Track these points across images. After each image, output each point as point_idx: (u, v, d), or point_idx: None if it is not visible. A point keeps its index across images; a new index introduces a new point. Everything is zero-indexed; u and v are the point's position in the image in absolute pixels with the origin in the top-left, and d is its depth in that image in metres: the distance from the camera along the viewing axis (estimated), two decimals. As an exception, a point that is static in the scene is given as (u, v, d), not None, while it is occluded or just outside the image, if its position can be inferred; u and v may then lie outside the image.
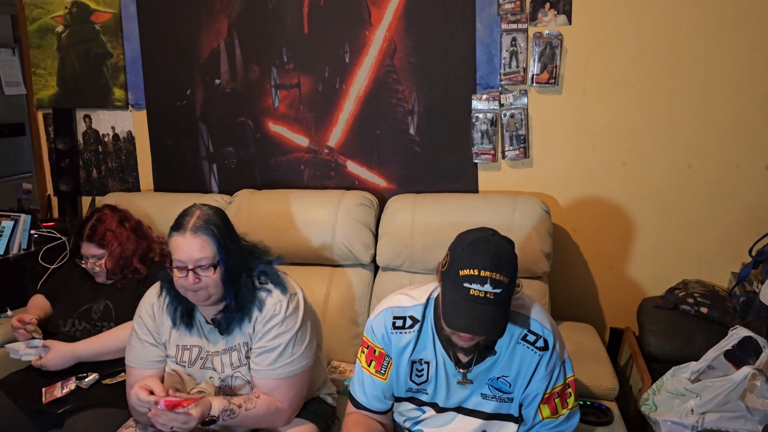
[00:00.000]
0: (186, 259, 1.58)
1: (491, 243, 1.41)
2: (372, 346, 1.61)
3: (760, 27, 2.32)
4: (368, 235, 2.50)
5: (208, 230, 1.60)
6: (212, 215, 1.64)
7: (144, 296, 1.81)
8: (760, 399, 1.79)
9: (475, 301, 1.37)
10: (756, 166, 2.42)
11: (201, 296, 1.63)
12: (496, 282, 1.36)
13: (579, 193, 2.58)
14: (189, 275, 1.58)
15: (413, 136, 2.66)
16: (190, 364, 1.73)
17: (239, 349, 1.71)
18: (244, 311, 1.67)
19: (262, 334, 1.67)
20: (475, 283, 1.36)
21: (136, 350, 1.76)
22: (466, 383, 1.55)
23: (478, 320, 1.37)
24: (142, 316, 1.77)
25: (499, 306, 1.38)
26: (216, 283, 1.61)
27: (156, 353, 1.75)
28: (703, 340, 2.14)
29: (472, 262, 1.38)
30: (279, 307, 1.67)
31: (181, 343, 1.74)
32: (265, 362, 1.67)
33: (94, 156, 3.07)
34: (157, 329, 1.75)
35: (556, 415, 1.55)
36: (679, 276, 2.51)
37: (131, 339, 1.78)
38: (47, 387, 2.00)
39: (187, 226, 1.60)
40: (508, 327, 1.48)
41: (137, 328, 1.77)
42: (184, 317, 1.71)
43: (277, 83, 2.76)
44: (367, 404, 1.63)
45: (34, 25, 3.03)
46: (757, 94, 2.37)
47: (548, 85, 2.51)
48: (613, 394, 2.03)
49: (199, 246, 1.58)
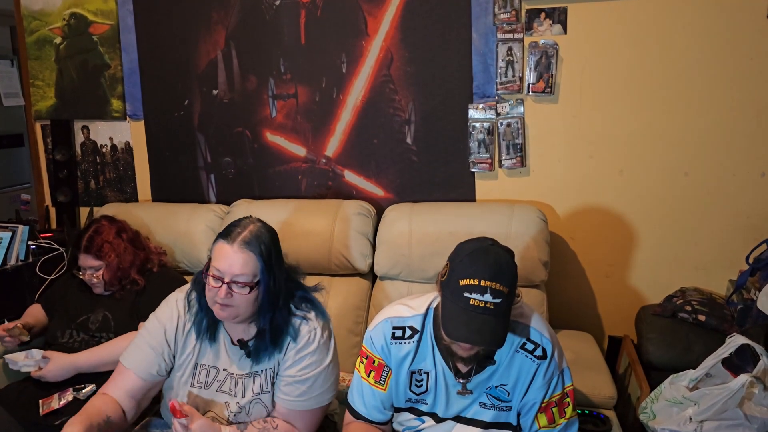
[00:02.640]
0: (225, 269, 1.51)
1: (491, 253, 1.41)
2: (371, 357, 1.60)
3: (755, 36, 2.34)
4: (366, 245, 2.50)
5: (256, 248, 1.53)
6: (264, 233, 1.57)
7: (168, 301, 1.70)
8: (758, 407, 1.79)
9: (475, 311, 1.36)
10: (752, 173, 2.43)
11: (228, 313, 1.55)
12: (496, 292, 1.36)
13: (576, 202, 2.59)
14: (222, 288, 1.51)
15: (410, 146, 2.67)
16: (206, 386, 1.65)
17: (264, 375, 1.64)
18: (277, 341, 1.60)
19: (293, 361, 1.61)
20: (475, 292, 1.37)
21: (140, 353, 1.65)
22: (466, 393, 1.55)
23: (477, 330, 1.37)
24: (162, 322, 1.66)
25: (499, 316, 1.38)
26: (248, 303, 1.54)
27: (158, 365, 1.65)
28: (701, 348, 2.13)
29: (472, 271, 1.38)
30: (313, 335, 1.61)
31: (201, 362, 1.66)
32: (293, 393, 1.61)
33: (92, 167, 3.08)
34: (178, 345, 1.66)
35: (553, 424, 1.54)
36: (677, 284, 2.51)
37: (138, 339, 1.68)
38: (44, 399, 1.99)
39: (236, 237, 1.53)
40: (508, 335, 1.48)
41: (151, 331, 1.66)
42: (209, 330, 1.64)
43: (274, 93, 2.77)
44: (366, 414, 1.63)
45: (32, 37, 3.04)
46: (753, 102, 2.38)
47: (544, 94, 2.52)
48: (612, 402, 2.03)
49: (243, 261, 1.51)
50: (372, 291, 2.52)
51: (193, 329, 1.65)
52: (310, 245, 2.47)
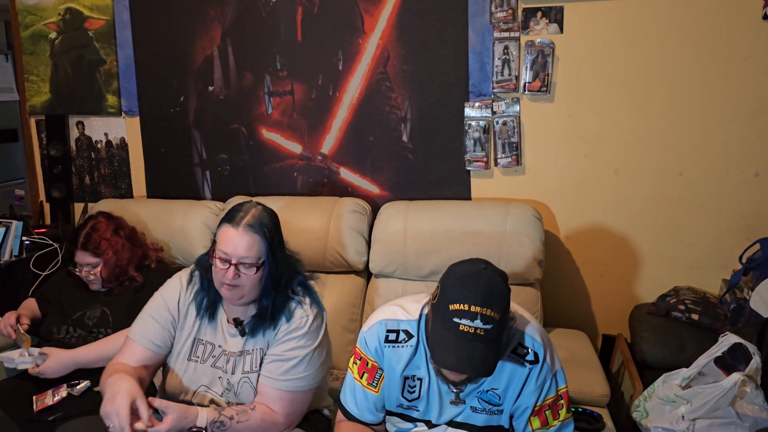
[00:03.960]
0: (231, 252, 1.58)
1: (482, 277, 1.38)
2: (365, 358, 1.59)
3: (751, 36, 2.35)
4: (361, 242, 2.50)
5: (260, 230, 1.60)
6: (266, 217, 1.64)
7: (172, 279, 1.78)
8: (750, 405, 1.80)
9: (465, 337, 1.34)
10: (746, 174, 2.44)
11: (235, 294, 1.62)
12: (487, 318, 1.33)
13: (571, 201, 2.60)
14: (230, 269, 1.58)
15: (406, 144, 2.67)
16: (203, 360, 1.71)
17: (255, 354, 1.70)
18: (274, 319, 1.67)
19: (281, 341, 1.67)
20: (464, 318, 1.33)
21: (145, 324, 1.72)
22: (459, 403, 1.54)
23: (467, 358, 1.34)
24: (165, 297, 1.74)
25: (489, 342, 1.35)
26: (254, 284, 1.62)
27: (161, 336, 1.71)
28: (694, 347, 2.15)
29: (463, 296, 1.35)
30: (305, 320, 1.67)
31: (199, 336, 1.72)
32: (276, 371, 1.66)
33: (86, 162, 3.07)
34: (179, 319, 1.73)
35: (547, 426, 1.54)
36: (671, 283, 2.52)
37: (143, 313, 1.75)
38: (38, 395, 1.98)
39: (240, 221, 1.60)
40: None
41: (156, 306, 1.74)
42: (209, 309, 1.71)
43: (270, 90, 2.77)
44: (358, 415, 1.62)
45: (27, 32, 3.03)
46: (747, 103, 2.39)
47: (540, 93, 2.52)
48: (605, 400, 2.04)
49: (248, 244, 1.58)
50: (367, 288, 2.52)
51: (194, 305, 1.72)
52: (305, 242, 2.46)
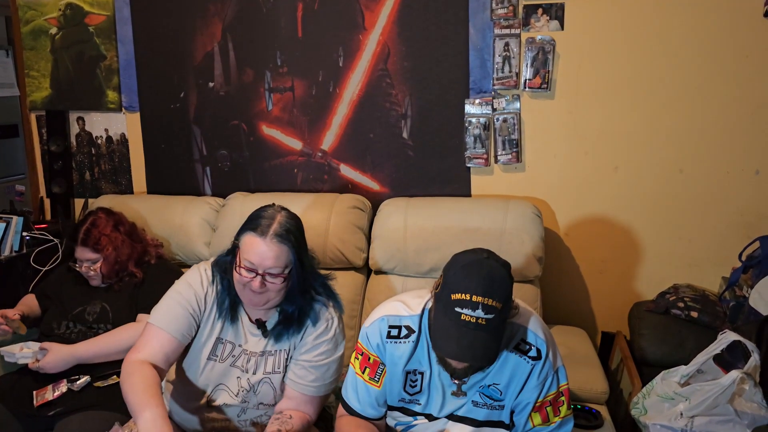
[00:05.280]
0: (258, 263, 1.54)
1: (485, 266, 1.38)
2: (366, 354, 1.60)
3: (752, 34, 2.35)
4: (361, 239, 2.50)
5: (288, 240, 1.55)
6: (293, 224, 1.59)
7: (197, 270, 1.70)
8: (749, 403, 1.81)
9: (466, 326, 1.34)
10: (746, 171, 2.44)
11: (260, 300, 1.59)
12: (488, 307, 1.34)
13: (571, 198, 2.60)
14: (257, 279, 1.54)
15: (406, 140, 2.67)
16: (222, 359, 1.68)
17: (279, 356, 1.68)
18: (300, 324, 1.65)
19: (310, 347, 1.66)
20: (466, 308, 1.34)
21: (172, 312, 1.63)
22: (461, 395, 1.55)
23: (468, 347, 1.35)
24: (196, 290, 1.65)
25: (491, 331, 1.36)
26: (280, 291, 1.58)
27: (188, 326, 1.64)
28: (693, 344, 2.15)
29: (464, 286, 1.36)
30: (331, 323, 1.67)
31: (221, 336, 1.69)
32: (307, 378, 1.66)
33: (87, 158, 3.07)
34: (203, 313, 1.67)
35: (547, 422, 1.54)
36: (671, 280, 2.52)
37: (168, 301, 1.66)
38: (38, 390, 1.99)
39: (268, 231, 1.54)
40: (503, 335, 1.48)
41: (183, 294, 1.65)
42: (231, 310, 1.66)
43: (270, 87, 2.77)
44: (360, 410, 1.63)
45: (27, 27, 3.02)
46: (748, 100, 2.39)
47: (541, 90, 2.52)
48: (604, 397, 2.04)
49: (276, 255, 1.54)
50: (367, 285, 2.53)
51: (216, 305, 1.67)
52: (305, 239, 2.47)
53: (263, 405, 1.72)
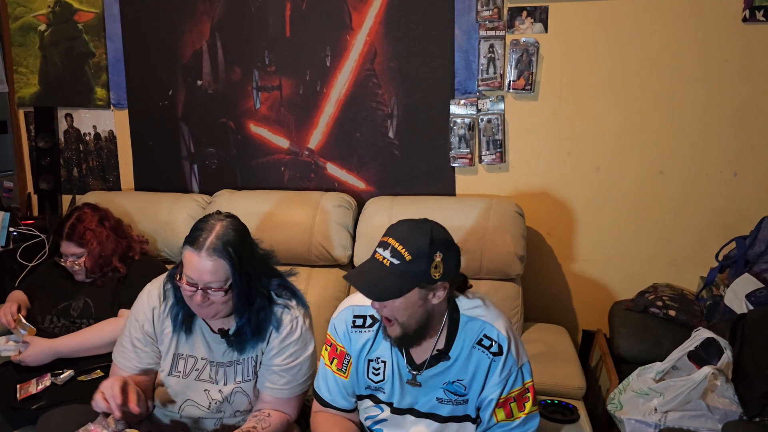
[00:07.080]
0: (197, 278, 1.50)
1: (415, 223, 1.48)
2: (334, 344, 1.63)
3: (731, 38, 2.39)
4: (346, 236, 2.53)
5: (224, 253, 1.50)
6: (232, 234, 1.53)
7: (141, 297, 1.71)
8: (721, 398, 1.84)
9: (373, 262, 1.45)
10: (725, 173, 2.49)
11: (208, 312, 1.56)
12: (396, 253, 1.41)
13: (553, 198, 2.63)
14: (198, 293, 1.51)
15: (392, 140, 2.70)
16: (185, 375, 1.66)
17: (246, 364, 1.67)
18: (260, 333, 1.63)
19: (278, 350, 1.64)
20: (380, 248, 1.45)
21: (127, 353, 1.68)
22: (415, 385, 1.57)
23: (365, 276, 1.46)
24: (140, 319, 1.67)
25: (393, 275, 1.41)
26: (225, 302, 1.55)
27: (147, 360, 1.67)
28: (671, 342, 2.18)
29: (389, 231, 1.47)
30: (296, 324, 1.65)
31: (178, 351, 1.67)
32: (280, 382, 1.65)
33: (75, 155, 3.08)
34: (157, 336, 1.67)
35: (511, 418, 1.56)
36: (650, 280, 2.56)
37: (122, 339, 1.70)
38: (22, 383, 2.00)
39: (203, 244, 1.50)
40: (465, 331, 1.53)
41: (132, 330, 1.68)
42: (185, 322, 1.64)
43: (258, 85, 2.79)
44: (331, 401, 1.65)
45: (16, 23, 3.03)
46: (726, 104, 2.44)
47: (524, 91, 2.56)
48: (580, 393, 2.08)
49: (212, 269, 1.49)
50: (351, 282, 2.55)
51: (169, 320, 1.66)
52: (290, 236, 2.49)
53: (240, 412, 1.71)
